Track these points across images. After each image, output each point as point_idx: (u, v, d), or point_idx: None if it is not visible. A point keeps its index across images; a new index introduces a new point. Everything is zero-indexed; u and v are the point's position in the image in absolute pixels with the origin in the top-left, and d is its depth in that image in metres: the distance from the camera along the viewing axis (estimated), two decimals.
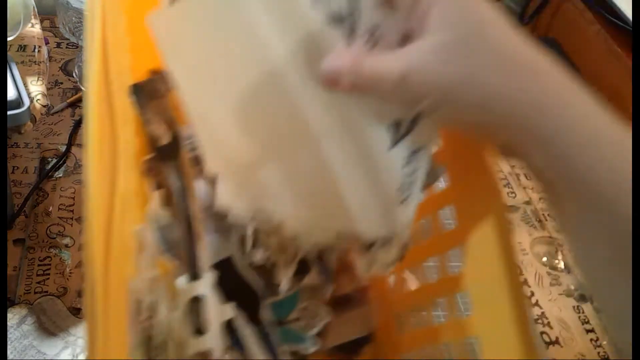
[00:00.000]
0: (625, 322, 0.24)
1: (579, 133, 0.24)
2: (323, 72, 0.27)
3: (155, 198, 0.42)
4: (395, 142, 0.30)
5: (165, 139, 0.40)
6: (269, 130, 0.32)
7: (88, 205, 0.27)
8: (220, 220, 0.39)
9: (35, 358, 0.46)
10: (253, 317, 0.41)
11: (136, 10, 0.40)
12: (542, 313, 0.56)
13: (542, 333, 0.54)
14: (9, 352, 0.45)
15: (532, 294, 0.58)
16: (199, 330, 0.38)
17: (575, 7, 0.76)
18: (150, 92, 0.39)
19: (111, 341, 0.25)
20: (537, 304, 0.57)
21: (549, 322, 0.55)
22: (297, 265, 0.41)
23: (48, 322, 0.49)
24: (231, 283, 0.40)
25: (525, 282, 0.59)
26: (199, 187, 0.41)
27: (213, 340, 0.36)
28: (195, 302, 0.38)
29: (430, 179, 0.34)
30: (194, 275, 0.39)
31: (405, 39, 0.27)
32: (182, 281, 0.38)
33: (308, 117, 0.30)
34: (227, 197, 0.34)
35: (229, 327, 0.38)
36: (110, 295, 0.26)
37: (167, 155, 0.41)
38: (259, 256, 0.40)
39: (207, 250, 0.40)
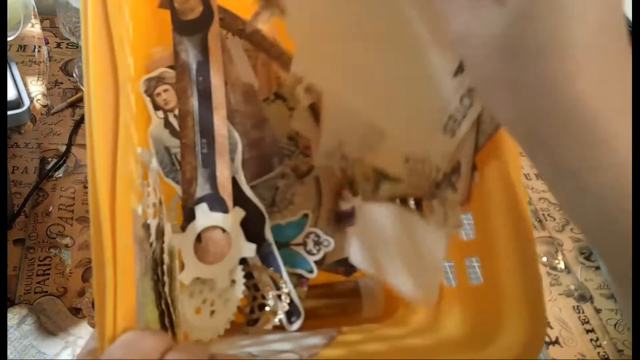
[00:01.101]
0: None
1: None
2: None
3: (157, 119, 0.42)
4: (461, 70, 0.31)
5: (195, 13, 0.39)
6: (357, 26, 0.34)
7: (92, 135, 0.26)
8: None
9: (35, 358, 0.46)
10: (259, 234, 0.42)
11: None
12: None
13: None
14: (9, 352, 0.45)
15: None
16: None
17: None
18: None
19: (119, 270, 0.25)
20: None
21: (549, 322, 0.55)
22: None
23: (48, 322, 0.49)
24: (236, 201, 0.41)
25: None
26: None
27: (223, 271, 0.38)
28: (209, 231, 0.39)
29: (485, 133, 0.34)
30: (213, 199, 0.40)
31: None
32: (204, 208, 0.39)
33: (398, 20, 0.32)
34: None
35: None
36: (118, 229, 0.25)
37: (195, 29, 0.40)
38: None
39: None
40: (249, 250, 0.40)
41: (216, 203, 0.40)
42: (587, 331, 0.55)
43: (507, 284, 0.32)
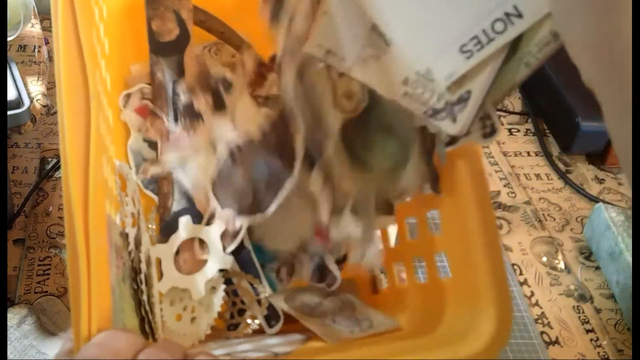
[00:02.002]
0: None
1: None
2: None
3: (136, 133, 0.43)
4: None
5: (172, 35, 0.41)
6: None
7: (64, 147, 0.27)
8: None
9: (35, 358, 0.46)
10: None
11: None
12: (542, 313, 0.56)
13: (542, 333, 0.54)
14: (9, 352, 0.45)
15: (532, 294, 0.58)
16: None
17: None
18: None
19: (93, 271, 0.25)
20: (537, 304, 0.57)
21: (549, 322, 0.55)
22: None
23: (48, 322, 0.49)
24: None
25: (525, 282, 0.59)
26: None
27: (199, 282, 0.39)
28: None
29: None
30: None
31: None
32: (186, 220, 0.40)
33: None
34: None
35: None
36: (91, 232, 0.26)
37: (171, 51, 0.41)
38: None
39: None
40: (227, 262, 0.40)
41: (193, 216, 0.40)
42: (587, 331, 0.55)
43: (475, 277, 0.33)
